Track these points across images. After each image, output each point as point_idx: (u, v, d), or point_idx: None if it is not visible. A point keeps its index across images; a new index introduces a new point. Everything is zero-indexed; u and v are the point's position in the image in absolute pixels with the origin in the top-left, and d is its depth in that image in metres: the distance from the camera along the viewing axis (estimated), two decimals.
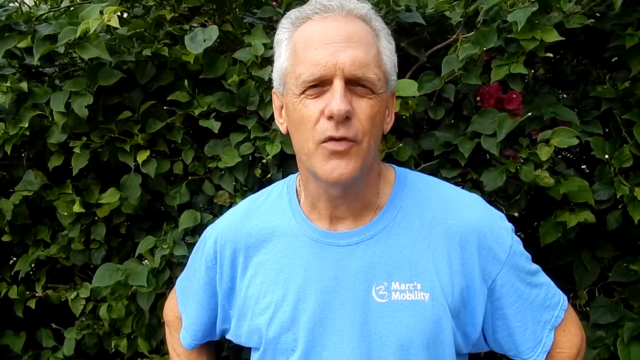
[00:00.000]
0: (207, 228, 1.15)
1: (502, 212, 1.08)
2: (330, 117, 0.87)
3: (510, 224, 1.03)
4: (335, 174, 0.89)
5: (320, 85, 0.89)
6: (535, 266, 1.04)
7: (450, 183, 1.11)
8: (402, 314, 0.95)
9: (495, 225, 1.00)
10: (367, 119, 0.89)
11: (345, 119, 0.87)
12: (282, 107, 1.00)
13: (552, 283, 1.05)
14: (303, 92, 0.90)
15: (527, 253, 1.03)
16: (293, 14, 0.96)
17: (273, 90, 1.03)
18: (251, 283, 1.05)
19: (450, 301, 0.96)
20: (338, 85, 0.87)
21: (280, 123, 1.02)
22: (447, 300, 0.96)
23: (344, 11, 0.92)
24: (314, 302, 0.98)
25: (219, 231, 1.09)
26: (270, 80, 1.34)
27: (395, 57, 0.98)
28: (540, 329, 1.02)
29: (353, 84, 0.89)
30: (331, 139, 0.88)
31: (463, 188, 1.14)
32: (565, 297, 1.06)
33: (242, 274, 1.06)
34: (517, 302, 1.00)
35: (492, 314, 1.00)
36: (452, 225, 0.98)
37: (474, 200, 1.04)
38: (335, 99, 0.86)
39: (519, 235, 1.04)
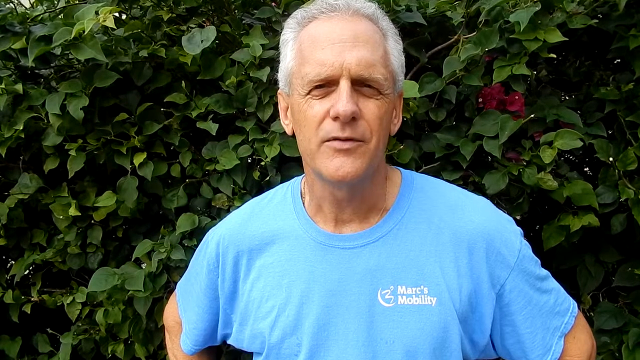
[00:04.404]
0: (210, 231, 1.14)
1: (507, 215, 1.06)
2: (335, 118, 0.86)
3: (519, 228, 1.01)
4: (341, 172, 0.87)
5: (326, 85, 0.87)
6: (545, 271, 1.02)
7: None
8: (408, 319, 0.94)
9: (503, 229, 0.98)
10: (374, 120, 0.88)
11: (351, 120, 0.85)
12: (287, 108, 0.99)
13: (561, 289, 1.04)
14: (309, 93, 0.89)
15: (536, 258, 1.01)
16: (299, 13, 0.95)
17: (279, 92, 1.01)
18: (254, 286, 1.03)
19: (458, 306, 0.94)
20: (344, 85, 0.85)
21: (286, 124, 1.01)
22: (454, 305, 0.94)
23: (350, 10, 0.90)
24: (318, 306, 0.97)
25: (222, 234, 1.08)
26: (268, 81, 1.35)
27: (403, 58, 0.97)
28: (549, 336, 1.00)
29: (360, 84, 0.87)
30: (336, 139, 0.86)
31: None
32: (575, 303, 1.04)
33: (244, 278, 1.05)
34: (526, 308, 0.98)
35: (501, 320, 0.99)
36: (459, 228, 0.97)
37: (482, 203, 1.02)
38: (342, 100, 0.84)
39: None
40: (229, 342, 1.14)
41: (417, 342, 0.93)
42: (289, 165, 1.41)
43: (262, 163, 1.39)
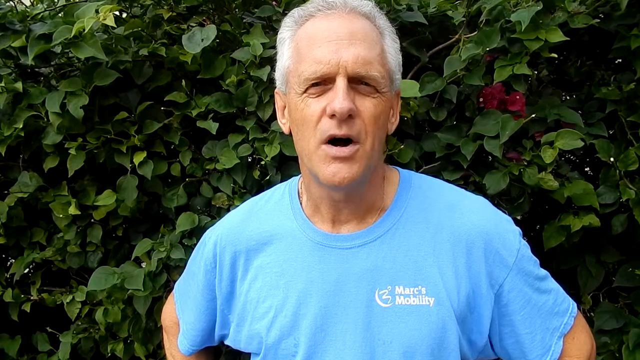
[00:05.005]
0: (207, 231, 1.14)
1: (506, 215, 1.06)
2: (332, 116, 0.85)
3: (518, 228, 1.01)
4: (337, 178, 0.87)
5: (322, 83, 0.87)
6: (544, 271, 1.02)
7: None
8: (406, 319, 0.93)
9: (502, 229, 0.98)
10: (370, 119, 0.88)
11: (348, 117, 0.85)
12: (284, 107, 0.99)
13: (561, 289, 1.03)
14: (305, 91, 0.88)
15: (535, 258, 1.01)
16: (296, 12, 0.95)
17: (275, 90, 1.01)
18: (251, 287, 1.03)
19: (456, 306, 0.94)
20: (341, 83, 0.85)
21: (283, 123, 1.01)
22: (452, 306, 0.94)
23: (347, 8, 0.90)
24: (316, 307, 0.96)
25: (219, 234, 1.08)
26: (269, 80, 1.34)
27: (400, 56, 0.96)
28: (549, 336, 0.99)
29: (356, 82, 0.87)
30: (333, 137, 0.86)
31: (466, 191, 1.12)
32: (575, 304, 1.04)
33: (242, 278, 1.04)
34: (525, 308, 0.97)
35: (499, 321, 0.98)
36: (458, 228, 0.96)
37: (481, 203, 1.02)
38: (338, 97, 0.84)
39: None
40: (226, 342, 1.13)
41: (415, 342, 0.93)
42: (289, 164, 1.40)
43: (262, 162, 1.39)
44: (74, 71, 1.47)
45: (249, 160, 1.45)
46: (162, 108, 1.48)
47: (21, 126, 1.37)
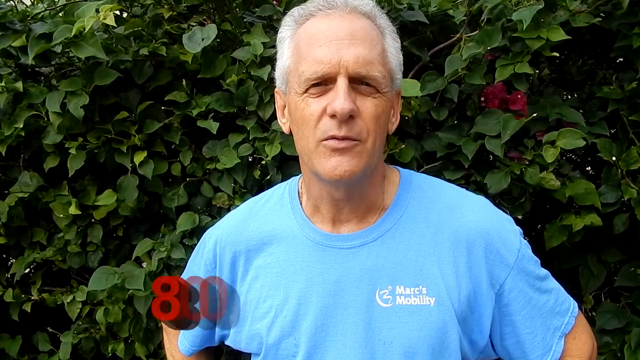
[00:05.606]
0: (207, 231, 1.13)
1: (506, 214, 1.06)
2: (333, 116, 0.85)
3: (519, 227, 1.00)
4: (338, 171, 0.87)
5: (323, 83, 0.87)
6: (545, 271, 1.02)
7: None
8: (406, 319, 0.93)
9: (502, 229, 0.98)
10: (371, 119, 0.88)
11: (348, 118, 0.85)
12: (284, 107, 0.99)
13: (561, 288, 1.03)
14: (306, 91, 0.88)
15: (536, 257, 1.00)
16: (296, 11, 0.95)
17: (275, 90, 1.01)
18: (251, 287, 1.03)
19: (457, 306, 0.94)
20: (342, 83, 0.85)
21: (283, 123, 1.00)
22: (453, 305, 0.93)
23: (347, 8, 0.90)
24: (316, 307, 0.96)
25: (219, 234, 1.07)
26: (269, 79, 1.34)
27: (401, 56, 0.96)
28: (550, 336, 0.99)
29: (357, 82, 0.87)
30: (333, 137, 0.86)
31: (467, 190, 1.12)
32: (576, 304, 1.04)
33: (242, 278, 1.04)
34: (526, 308, 0.97)
35: (500, 321, 0.98)
36: (458, 228, 0.96)
37: (481, 202, 1.01)
38: (339, 98, 0.84)
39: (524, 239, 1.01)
40: (226, 342, 1.13)
41: (416, 342, 0.92)
42: (289, 164, 1.40)
43: (263, 162, 1.39)
44: (74, 71, 1.46)
45: (250, 159, 1.45)
46: (162, 108, 1.47)
47: (21, 126, 1.37)
